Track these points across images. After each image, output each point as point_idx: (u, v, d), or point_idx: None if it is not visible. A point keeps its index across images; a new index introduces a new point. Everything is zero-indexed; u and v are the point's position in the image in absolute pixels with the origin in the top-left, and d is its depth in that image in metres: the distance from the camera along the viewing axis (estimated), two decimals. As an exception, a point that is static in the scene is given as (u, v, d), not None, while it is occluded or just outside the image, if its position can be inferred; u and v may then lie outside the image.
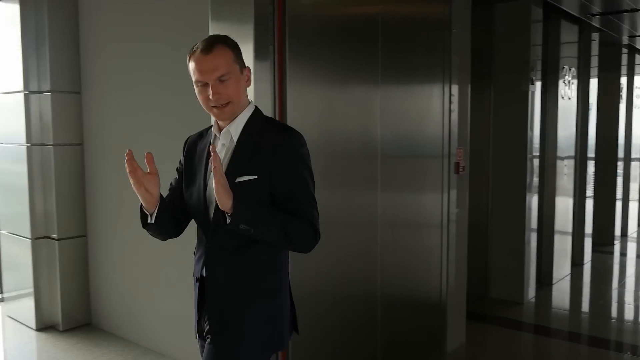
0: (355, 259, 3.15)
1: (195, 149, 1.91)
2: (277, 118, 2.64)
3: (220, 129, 1.81)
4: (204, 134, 1.93)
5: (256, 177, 1.71)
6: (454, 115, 3.79)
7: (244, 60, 1.82)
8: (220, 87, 1.71)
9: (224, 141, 1.79)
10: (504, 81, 5.13)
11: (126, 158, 1.68)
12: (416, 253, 3.63)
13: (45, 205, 4.26)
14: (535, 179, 5.25)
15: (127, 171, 1.70)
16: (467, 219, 4.04)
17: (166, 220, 1.83)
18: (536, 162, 5.24)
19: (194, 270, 1.89)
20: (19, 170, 4.27)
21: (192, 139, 1.97)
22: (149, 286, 3.95)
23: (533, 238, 5.28)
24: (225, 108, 1.74)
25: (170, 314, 3.76)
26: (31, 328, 4.37)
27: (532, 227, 5.21)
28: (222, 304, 1.79)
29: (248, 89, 1.85)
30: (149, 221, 1.82)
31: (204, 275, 1.81)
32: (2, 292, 4.89)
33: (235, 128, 1.78)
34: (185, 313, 3.63)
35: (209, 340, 1.82)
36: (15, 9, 4.18)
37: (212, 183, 1.64)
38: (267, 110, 2.60)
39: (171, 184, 1.99)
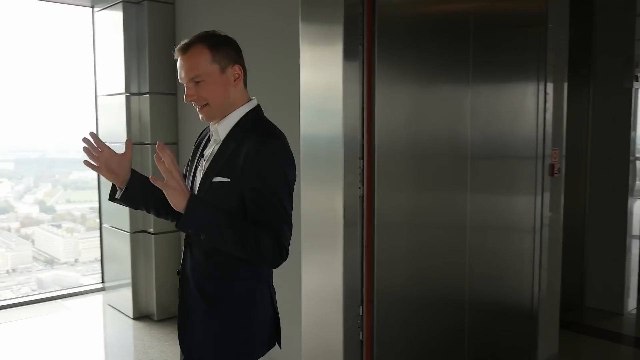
0: (443, 263, 3.08)
1: (202, 137, 1.91)
2: (365, 118, 2.63)
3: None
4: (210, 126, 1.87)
5: (229, 180, 1.65)
6: (549, 115, 3.62)
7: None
8: (195, 88, 1.68)
9: (215, 137, 1.76)
10: (604, 78, 4.84)
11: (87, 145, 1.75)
12: (507, 258, 3.50)
13: (143, 201, 4.50)
14: (638, 182, 4.91)
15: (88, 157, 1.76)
16: (562, 223, 3.85)
17: (137, 198, 1.83)
18: (639, 164, 4.91)
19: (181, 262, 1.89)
20: (120, 168, 4.54)
21: (205, 131, 1.94)
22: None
23: (635, 245, 4.95)
24: (204, 109, 1.72)
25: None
26: (128, 317, 4.63)
27: (633, 233, 4.89)
28: (190, 303, 1.76)
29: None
30: (116, 196, 1.82)
31: (179, 271, 1.82)
32: (103, 282, 5.21)
33: (224, 127, 1.74)
34: (290, 317, 3.72)
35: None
36: (118, 17, 4.44)
37: (197, 177, 1.70)
38: (355, 111, 2.60)
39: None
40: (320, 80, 2.69)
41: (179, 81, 1.73)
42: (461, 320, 3.19)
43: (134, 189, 1.80)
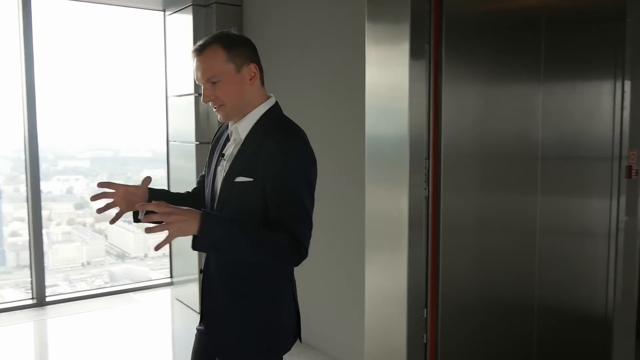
0: (511, 267, 2.99)
1: (217, 139, 1.89)
2: (431, 118, 2.60)
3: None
4: (229, 125, 1.85)
5: (252, 179, 1.65)
6: (626, 114, 3.44)
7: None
8: (212, 89, 1.67)
9: (235, 136, 1.76)
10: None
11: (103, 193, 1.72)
12: (579, 263, 3.36)
13: (210, 199, 4.62)
14: None
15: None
16: (639, 228, 3.66)
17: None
18: None
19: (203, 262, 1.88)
20: (188, 167, 4.67)
21: (221, 128, 1.93)
22: (300, 279, 4.09)
23: None
24: (221, 109, 1.71)
25: (321, 307, 3.87)
26: (195, 311, 4.76)
27: None
28: (214, 301, 1.77)
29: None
30: (139, 217, 1.76)
31: (203, 269, 1.81)
32: (172, 277, 5.38)
33: (244, 126, 1.74)
34: (335, 307, 3.72)
35: (201, 331, 1.84)
36: (188, 20, 4.58)
37: (218, 177, 1.71)
38: (422, 110, 2.57)
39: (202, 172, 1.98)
40: (386, 80, 2.67)
41: (196, 82, 1.73)
42: (530, 328, 3.09)
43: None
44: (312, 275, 3.96)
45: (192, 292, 4.80)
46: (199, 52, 1.68)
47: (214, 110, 1.74)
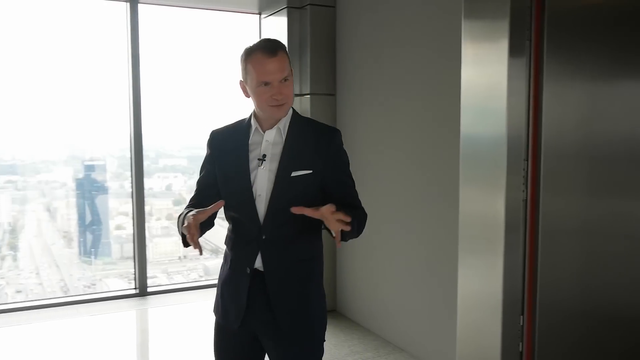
0: (618, 276, 2.81)
1: (227, 143, 1.96)
2: (531, 117, 2.51)
3: (262, 128, 1.90)
4: (231, 128, 1.99)
5: (311, 171, 1.84)
6: None
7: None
8: (283, 87, 1.82)
9: (268, 138, 1.88)
10: None
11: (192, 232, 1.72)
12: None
13: (302, 198, 4.69)
14: None
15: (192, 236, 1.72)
16: None
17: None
18: None
19: (237, 261, 1.93)
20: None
21: (219, 133, 2.02)
22: (389, 279, 4.08)
23: None
24: (283, 106, 1.84)
25: (411, 309, 3.83)
26: (286, 308, 4.86)
27: None
28: (285, 292, 1.87)
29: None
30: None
31: (259, 267, 1.87)
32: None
33: (284, 126, 1.89)
34: (425, 310, 3.67)
35: (266, 331, 1.90)
36: (283, 22, 4.68)
37: (260, 177, 1.83)
38: (520, 110, 2.48)
39: (202, 178, 2.01)
40: (483, 78, 2.60)
41: (263, 82, 1.81)
42: (638, 341, 2.89)
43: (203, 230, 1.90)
44: (402, 276, 3.93)
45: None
46: (273, 53, 1.80)
47: (274, 108, 1.84)
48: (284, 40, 4.66)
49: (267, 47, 1.80)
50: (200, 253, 1.73)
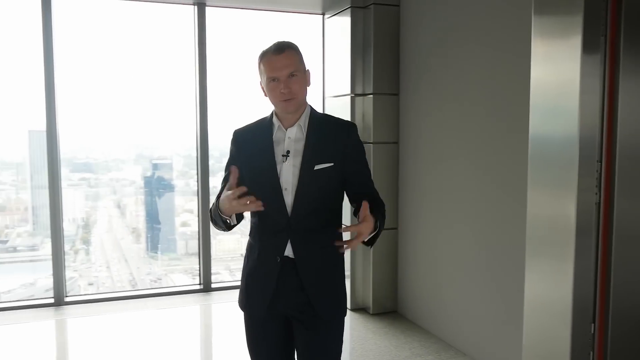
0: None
1: (251, 141, 2.08)
2: (605, 117, 2.40)
3: (284, 126, 2.02)
4: (253, 127, 2.12)
5: (332, 164, 1.97)
6: None
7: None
8: (290, 82, 1.94)
9: (290, 135, 2.01)
10: None
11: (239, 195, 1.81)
12: None
13: (363, 198, 4.67)
14: None
15: (236, 198, 1.81)
16: None
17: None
18: None
19: (265, 251, 2.04)
20: (343, 165, 4.77)
21: (242, 131, 2.14)
22: (452, 282, 4.00)
23: None
24: (291, 101, 1.96)
25: (475, 313, 3.75)
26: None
27: None
28: (316, 276, 2.01)
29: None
30: (232, 224, 1.98)
31: (288, 255, 1.99)
32: (324, 272, 5.54)
33: (304, 123, 2.03)
34: (490, 314, 3.58)
35: (300, 317, 2.02)
36: (346, 22, 4.68)
37: (285, 172, 1.96)
38: (594, 108, 2.38)
39: (227, 177, 2.05)
40: (554, 76, 2.51)
41: (271, 78, 1.95)
42: None
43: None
44: (466, 278, 3.85)
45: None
46: (280, 51, 1.95)
47: (283, 103, 1.97)
48: (346, 39, 4.67)
49: (275, 47, 1.97)
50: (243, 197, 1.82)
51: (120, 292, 5.66)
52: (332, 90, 5.07)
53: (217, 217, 1.97)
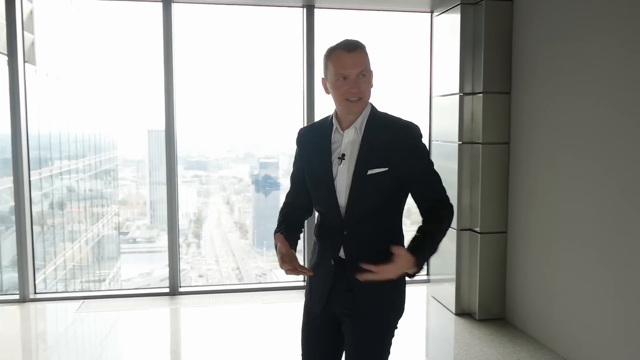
0: None
1: (312, 142, 2.07)
2: None
3: (342, 127, 2.00)
4: (316, 127, 2.11)
5: (387, 169, 1.91)
6: None
7: None
8: (359, 82, 1.91)
9: (347, 137, 1.98)
10: None
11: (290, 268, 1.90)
12: None
13: (471, 200, 4.55)
14: None
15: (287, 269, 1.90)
16: None
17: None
18: None
19: (323, 252, 2.06)
20: (450, 167, 4.66)
21: (305, 131, 2.14)
22: (568, 290, 3.79)
23: None
24: (358, 102, 1.93)
25: (594, 326, 3.52)
26: (450, 311, 4.75)
27: None
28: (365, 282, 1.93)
29: None
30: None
31: (343, 257, 2.00)
32: (428, 274, 5.45)
33: (360, 124, 1.98)
34: (610, 328, 3.35)
35: (352, 317, 2.02)
36: (456, 19, 4.57)
37: (340, 175, 1.95)
38: None
39: (294, 175, 2.16)
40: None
41: (341, 75, 1.91)
42: None
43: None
44: (584, 288, 3.63)
45: (448, 292, 4.81)
46: (352, 50, 1.93)
47: (349, 103, 1.94)
48: (456, 37, 4.56)
49: (346, 44, 1.94)
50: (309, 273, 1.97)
51: (228, 285, 5.90)
52: (439, 89, 4.98)
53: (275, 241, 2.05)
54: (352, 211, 1.97)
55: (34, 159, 7.49)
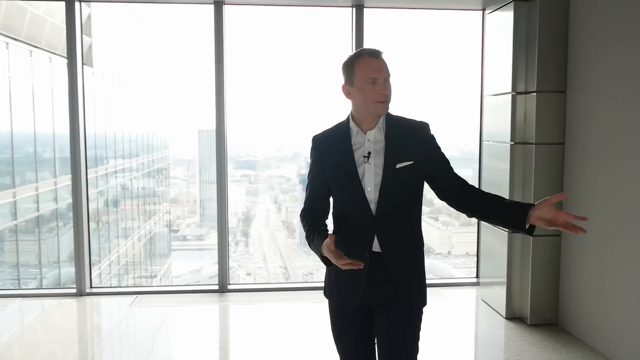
0: None
1: (331, 146, 2.18)
2: None
3: (362, 129, 2.12)
4: (330, 133, 2.21)
5: (412, 162, 2.08)
6: None
7: None
8: (387, 85, 2.06)
9: (370, 137, 2.11)
10: None
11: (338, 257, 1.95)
12: None
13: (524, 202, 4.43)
14: None
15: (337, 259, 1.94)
16: None
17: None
18: None
19: (354, 247, 2.10)
20: (502, 167, 4.56)
21: (321, 137, 2.23)
22: (623, 295, 3.65)
23: None
24: (386, 104, 2.07)
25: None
26: (501, 315, 4.65)
27: None
28: (403, 267, 2.13)
29: None
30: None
31: (377, 250, 2.10)
32: (478, 277, 5.35)
33: (382, 125, 2.12)
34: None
35: (386, 308, 2.13)
36: (509, 17, 4.47)
37: (367, 172, 2.08)
38: None
39: (312, 180, 2.25)
40: None
41: (371, 79, 2.03)
42: None
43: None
44: (624, 279, 3.50)
45: (498, 295, 4.70)
46: (379, 56, 2.07)
47: (378, 105, 2.06)
48: (508, 34, 4.46)
49: (372, 51, 2.09)
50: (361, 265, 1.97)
51: (275, 284, 5.95)
52: (491, 88, 4.88)
53: (316, 251, 2.12)
54: (383, 205, 2.08)
55: (91, 158, 7.75)
